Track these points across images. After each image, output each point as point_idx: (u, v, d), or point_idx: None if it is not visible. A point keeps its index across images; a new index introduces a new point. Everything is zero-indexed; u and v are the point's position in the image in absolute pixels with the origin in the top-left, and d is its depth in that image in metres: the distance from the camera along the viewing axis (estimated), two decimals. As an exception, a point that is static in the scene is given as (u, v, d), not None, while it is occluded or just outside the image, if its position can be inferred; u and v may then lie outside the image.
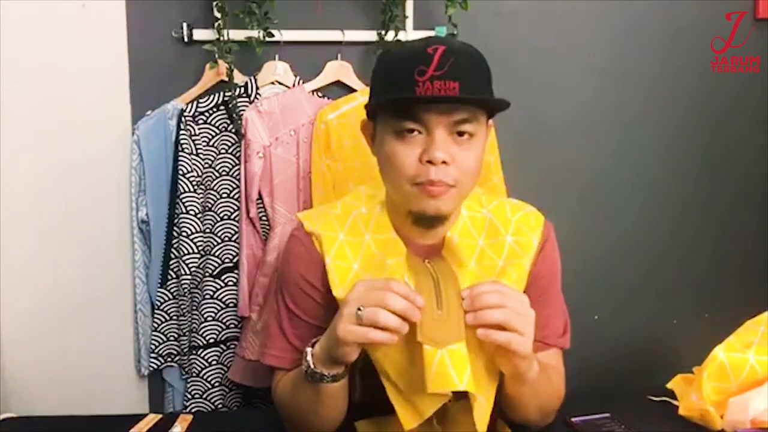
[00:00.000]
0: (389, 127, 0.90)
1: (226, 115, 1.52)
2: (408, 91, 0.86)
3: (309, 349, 0.90)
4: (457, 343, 0.84)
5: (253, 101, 1.51)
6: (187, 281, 1.52)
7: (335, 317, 0.87)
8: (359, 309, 0.82)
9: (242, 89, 1.51)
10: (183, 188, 1.50)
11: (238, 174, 1.52)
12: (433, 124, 0.88)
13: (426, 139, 0.89)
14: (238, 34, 1.48)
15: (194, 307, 1.54)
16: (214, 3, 1.46)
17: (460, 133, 0.89)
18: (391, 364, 0.90)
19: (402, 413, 0.90)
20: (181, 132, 1.50)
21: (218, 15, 1.46)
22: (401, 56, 0.90)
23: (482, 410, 0.89)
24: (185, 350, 1.55)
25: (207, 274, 1.53)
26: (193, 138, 1.51)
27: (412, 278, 0.93)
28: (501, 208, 1.05)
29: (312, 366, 0.89)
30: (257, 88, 1.52)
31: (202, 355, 1.54)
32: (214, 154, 1.53)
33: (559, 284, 1.07)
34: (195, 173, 1.51)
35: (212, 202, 1.53)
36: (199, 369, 1.55)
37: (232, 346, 1.56)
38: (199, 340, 1.54)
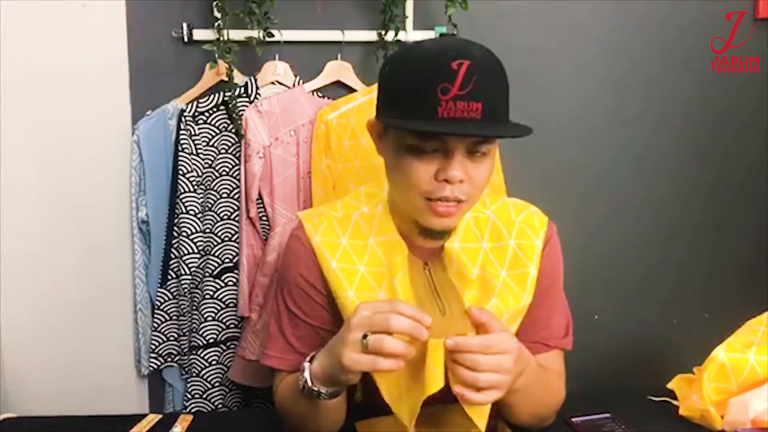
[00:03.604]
0: (404, 141, 0.88)
1: (226, 115, 1.52)
2: (430, 110, 0.83)
3: (307, 364, 0.88)
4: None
5: (253, 101, 1.51)
6: (187, 281, 1.52)
7: (337, 341, 0.84)
8: (364, 336, 0.79)
9: (242, 89, 1.51)
10: (183, 188, 1.50)
11: (238, 174, 1.52)
12: (452, 146, 0.86)
13: (442, 156, 0.87)
14: (238, 34, 1.48)
15: (194, 307, 1.54)
16: (214, 3, 1.46)
17: (477, 152, 0.88)
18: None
19: (399, 412, 0.89)
20: (181, 132, 1.50)
21: (218, 15, 1.46)
22: (422, 67, 0.85)
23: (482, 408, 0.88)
24: (185, 350, 1.55)
25: (207, 274, 1.53)
26: (193, 138, 1.51)
27: (411, 292, 0.94)
28: (504, 208, 1.04)
29: (310, 383, 0.87)
30: (257, 88, 1.52)
31: (202, 355, 1.54)
32: (214, 154, 1.53)
33: (562, 285, 1.07)
34: (195, 173, 1.51)
35: (212, 202, 1.53)
36: (199, 369, 1.54)
37: (232, 346, 1.56)
38: (199, 340, 1.54)
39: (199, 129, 1.51)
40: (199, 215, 1.52)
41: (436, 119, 0.83)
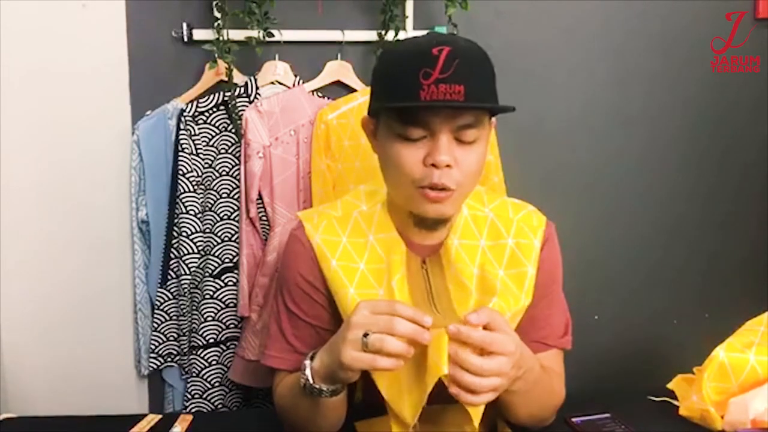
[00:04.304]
0: (392, 130, 0.89)
1: (226, 115, 1.52)
2: (412, 94, 0.84)
3: (308, 362, 0.88)
4: None
5: (253, 101, 1.51)
6: (187, 281, 1.52)
7: (337, 338, 0.84)
8: (365, 335, 0.80)
9: (242, 89, 1.51)
10: (183, 188, 1.50)
11: (238, 174, 1.52)
12: (437, 129, 0.87)
13: (430, 142, 0.88)
14: (238, 34, 1.48)
15: (194, 307, 1.54)
16: (214, 3, 1.46)
17: (464, 137, 0.88)
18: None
19: (401, 411, 0.89)
20: (181, 132, 1.50)
21: (218, 15, 1.46)
22: (405, 56, 0.87)
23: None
24: (185, 350, 1.55)
25: (207, 274, 1.53)
26: (193, 138, 1.51)
27: (408, 295, 0.95)
28: (503, 207, 1.04)
29: (311, 381, 0.87)
30: (257, 88, 1.52)
31: (202, 355, 1.54)
32: (214, 154, 1.53)
33: (560, 284, 1.07)
34: (195, 173, 1.51)
35: (212, 202, 1.53)
36: (199, 369, 1.54)
37: (232, 346, 1.56)
38: (199, 340, 1.54)
39: (199, 129, 1.51)
40: (199, 215, 1.52)
41: (420, 102, 0.84)
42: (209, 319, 1.53)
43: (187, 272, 1.52)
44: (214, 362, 1.55)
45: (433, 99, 0.84)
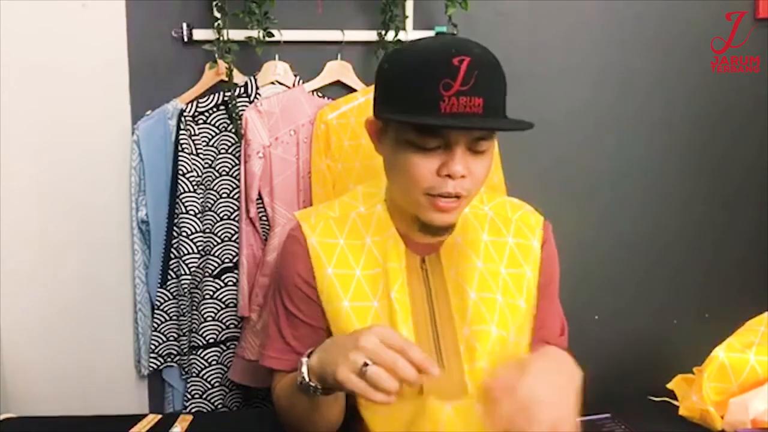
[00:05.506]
0: (405, 137, 0.88)
1: (226, 115, 1.52)
2: (432, 105, 0.83)
3: (305, 360, 0.87)
4: (463, 398, 0.83)
5: (253, 101, 1.51)
6: (187, 281, 1.52)
7: (339, 350, 0.81)
8: (365, 364, 0.77)
9: (242, 89, 1.51)
10: (183, 188, 1.50)
11: (238, 174, 1.52)
12: (453, 140, 0.86)
13: (445, 152, 0.87)
14: (238, 34, 1.48)
15: (194, 307, 1.54)
16: (214, 3, 1.46)
17: (478, 147, 0.88)
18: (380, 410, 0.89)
19: None
20: (181, 132, 1.50)
21: (218, 15, 1.46)
22: (423, 63, 0.85)
23: None
24: (185, 350, 1.55)
25: (207, 274, 1.53)
26: (193, 138, 1.51)
27: (408, 302, 0.94)
28: (501, 206, 1.05)
29: (307, 379, 0.86)
30: (257, 88, 1.52)
31: (202, 355, 1.54)
32: (214, 154, 1.53)
33: (557, 285, 1.07)
34: (195, 173, 1.51)
35: (212, 202, 1.53)
36: (199, 369, 1.54)
37: (232, 346, 1.56)
38: (199, 340, 1.54)
39: (198, 129, 1.51)
40: (199, 215, 1.52)
41: (439, 115, 0.83)
42: (209, 319, 1.53)
43: (187, 272, 1.52)
44: (214, 362, 1.55)
45: (453, 111, 0.83)
